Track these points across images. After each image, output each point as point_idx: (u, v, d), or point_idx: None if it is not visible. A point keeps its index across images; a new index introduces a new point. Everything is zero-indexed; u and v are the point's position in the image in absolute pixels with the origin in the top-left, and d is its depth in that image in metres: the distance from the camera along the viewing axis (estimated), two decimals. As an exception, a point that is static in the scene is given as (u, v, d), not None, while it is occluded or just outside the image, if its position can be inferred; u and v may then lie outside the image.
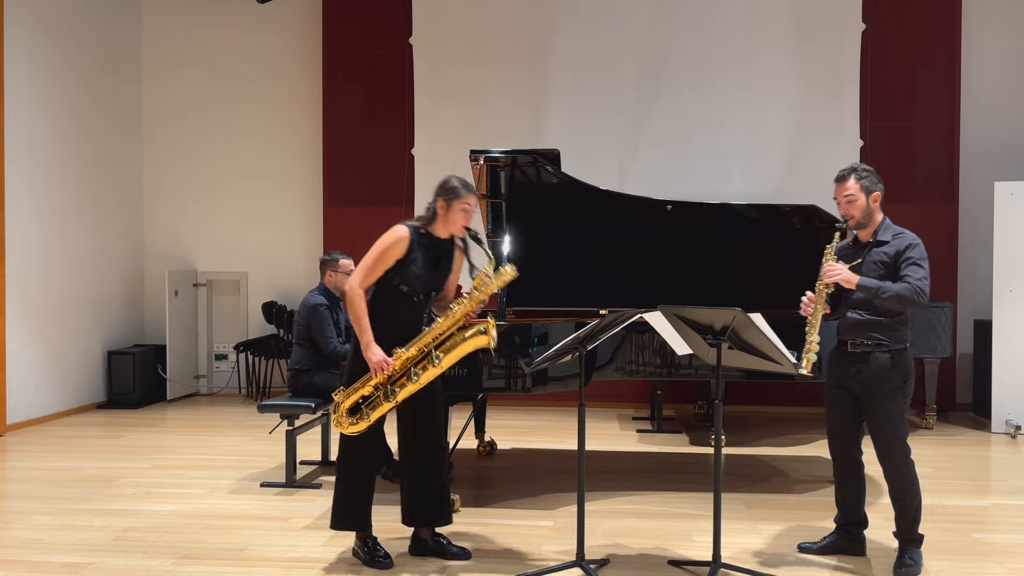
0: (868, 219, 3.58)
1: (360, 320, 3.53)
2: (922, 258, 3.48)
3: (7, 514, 4.44)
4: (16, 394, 6.66)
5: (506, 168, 4.93)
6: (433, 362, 3.50)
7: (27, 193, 6.83)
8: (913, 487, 3.54)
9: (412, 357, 3.54)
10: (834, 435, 3.73)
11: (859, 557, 3.74)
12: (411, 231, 3.62)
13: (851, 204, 3.57)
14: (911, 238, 3.55)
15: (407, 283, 3.61)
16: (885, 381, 3.50)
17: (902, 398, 3.52)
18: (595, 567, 3.57)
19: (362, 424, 3.53)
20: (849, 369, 3.59)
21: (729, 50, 7.46)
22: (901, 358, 3.51)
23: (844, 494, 3.77)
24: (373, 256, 3.58)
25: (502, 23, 7.68)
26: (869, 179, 3.58)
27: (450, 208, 3.61)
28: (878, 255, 3.55)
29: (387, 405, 3.52)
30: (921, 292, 3.40)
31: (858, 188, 3.56)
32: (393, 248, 3.57)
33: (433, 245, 3.67)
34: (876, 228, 3.60)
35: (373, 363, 3.48)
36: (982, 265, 7.16)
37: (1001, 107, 7.43)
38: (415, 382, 3.51)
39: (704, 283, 5.24)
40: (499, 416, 6.98)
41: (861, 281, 3.45)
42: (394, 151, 7.82)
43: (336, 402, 3.57)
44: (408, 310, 3.65)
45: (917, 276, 3.43)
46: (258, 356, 8.01)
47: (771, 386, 7.20)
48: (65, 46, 7.32)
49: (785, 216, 5.29)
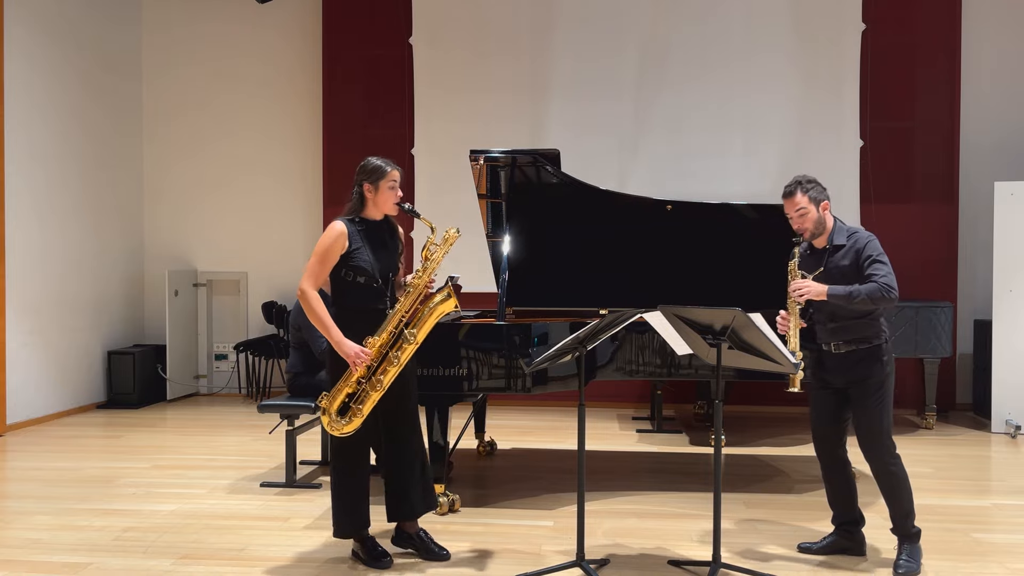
0: (821, 228, 3.66)
1: (323, 320, 3.54)
2: (880, 254, 3.55)
3: (7, 514, 4.44)
4: (16, 394, 6.66)
5: (506, 168, 4.93)
6: (408, 340, 3.53)
7: (27, 193, 6.83)
8: (901, 482, 3.56)
9: (386, 342, 3.55)
10: (819, 436, 3.77)
11: (859, 557, 3.74)
12: (346, 223, 3.65)
13: (803, 217, 3.66)
14: (865, 236, 3.62)
15: (362, 274, 3.61)
16: (868, 375, 3.56)
17: (885, 391, 3.56)
18: (595, 567, 3.57)
19: (356, 421, 3.52)
20: (832, 368, 3.64)
21: (729, 49, 7.46)
22: (881, 352, 3.58)
23: (835, 494, 3.80)
24: (316, 256, 3.61)
25: (502, 23, 7.68)
26: (815, 189, 3.67)
27: (378, 189, 3.69)
28: (838, 259, 3.62)
29: (376, 395, 3.53)
30: (889, 288, 3.46)
31: (807, 200, 3.65)
32: (334, 245, 3.59)
33: (373, 229, 3.70)
34: (830, 234, 3.68)
35: (350, 356, 3.49)
36: (982, 265, 7.16)
37: (1001, 107, 7.43)
38: (397, 364, 3.52)
39: (704, 283, 5.23)
40: (499, 416, 6.98)
41: (831, 291, 3.51)
42: (394, 151, 7.78)
43: (323, 407, 3.55)
44: (372, 300, 3.64)
45: (881, 273, 3.49)
46: (258, 356, 8.01)
47: (771, 386, 7.18)
48: (65, 46, 7.32)
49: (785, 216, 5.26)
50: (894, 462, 3.56)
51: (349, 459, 3.64)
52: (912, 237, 7.16)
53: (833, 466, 3.76)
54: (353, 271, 3.60)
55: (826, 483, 3.82)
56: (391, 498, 3.76)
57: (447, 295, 3.58)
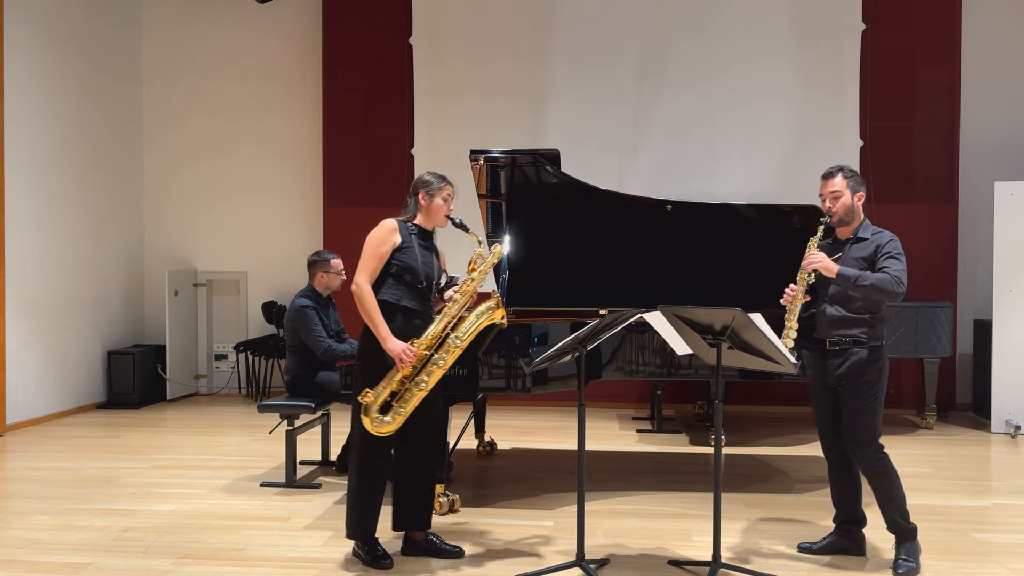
0: (850, 217, 3.66)
1: (373, 316, 3.53)
2: (899, 253, 3.56)
3: (7, 514, 4.44)
4: (16, 394, 6.66)
5: (506, 168, 4.93)
6: (455, 343, 3.58)
7: (27, 193, 6.83)
8: (890, 480, 3.56)
9: (431, 344, 3.57)
10: (823, 435, 3.77)
11: (859, 557, 3.74)
12: (399, 224, 3.70)
13: (836, 200, 3.66)
14: (889, 235, 3.63)
15: (409, 271, 3.64)
16: (859, 375, 3.56)
17: (875, 393, 3.56)
18: (595, 567, 3.57)
19: (398, 420, 3.53)
20: (828, 366, 3.64)
21: (729, 50, 7.46)
22: (877, 354, 3.58)
23: (839, 492, 3.79)
24: (370, 249, 3.62)
25: (502, 23, 7.68)
26: (854, 179, 3.69)
27: (432, 200, 3.71)
28: (857, 251, 3.63)
29: (419, 395, 3.55)
30: (899, 282, 3.47)
31: (844, 185, 3.66)
32: (387, 238, 3.63)
33: (424, 236, 3.76)
34: (856, 227, 3.68)
35: (396, 353, 3.49)
36: (982, 265, 7.16)
37: (1001, 107, 7.43)
38: (441, 366, 3.56)
39: (704, 283, 5.23)
40: (499, 416, 6.98)
41: (841, 270, 3.53)
42: (394, 151, 7.82)
43: (366, 404, 3.53)
44: (416, 300, 3.68)
45: (895, 267, 3.50)
46: (258, 356, 8.01)
47: (771, 386, 7.20)
48: (65, 49, 7.32)
49: (785, 216, 5.28)
50: (881, 461, 3.55)
51: (376, 462, 3.64)
52: (912, 237, 7.08)
53: (840, 466, 3.75)
54: (401, 268, 3.64)
55: (831, 482, 3.82)
56: (404, 506, 3.75)
57: (495, 305, 3.64)
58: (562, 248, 5.26)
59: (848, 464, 3.74)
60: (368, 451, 3.62)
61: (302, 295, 5.17)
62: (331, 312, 5.29)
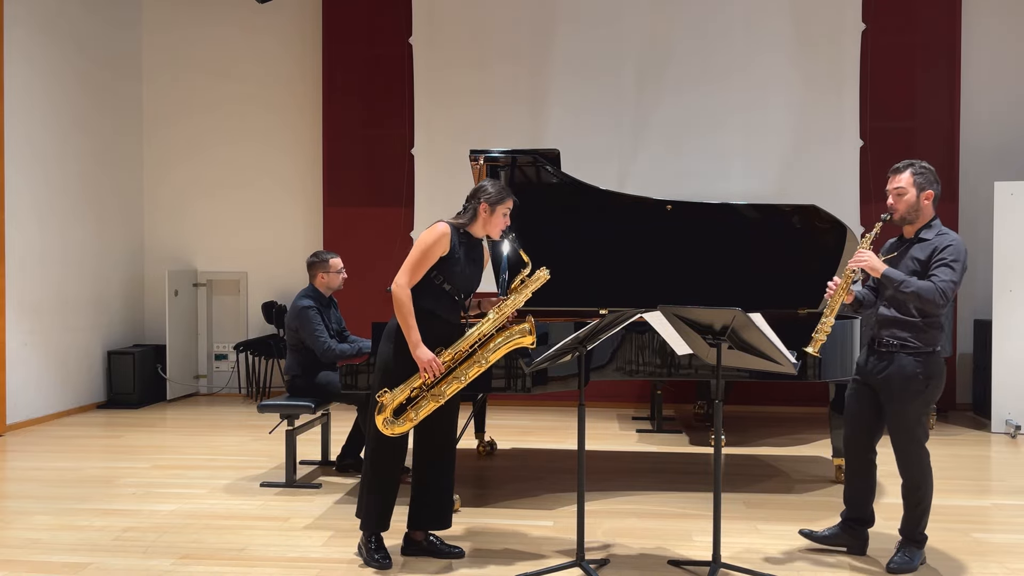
0: (915, 216, 3.55)
1: (408, 319, 3.51)
2: (955, 260, 3.42)
3: (7, 514, 4.44)
4: (16, 394, 6.66)
5: (506, 168, 4.93)
6: (480, 362, 3.56)
7: (27, 193, 6.83)
8: (923, 488, 3.54)
9: (457, 357, 3.57)
10: (851, 430, 3.73)
11: (860, 556, 3.74)
12: (452, 229, 3.64)
13: (899, 198, 3.54)
14: (952, 238, 3.49)
15: (450, 281, 3.62)
16: (906, 383, 3.49)
17: (922, 402, 3.51)
18: (595, 567, 3.57)
19: (408, 425, 3.54)
20: (875, 367, 3.59)
21: (729, 50, 7.46)
22: (928, 362, 3.49)
23: (853, 492, 3.77)
24: (418, 253, 3.57)
25: (502, 23, 7.68)
26: (925, 176, 3.53)
27: (494, 212, 3.66)
28: (916, 251, 3.53)
29: (433, 405, 3.55)
30: (943, 294, 3.37)
31: (911, 183, 3.53)
32: (437, 244, 3.57)
33: (472, 245, 3.73)
34: (922, 226, 3.56)
35: (423, 362, 3.49)
36: (982, 265, 7.15)
37: (1001, 107, 7.43)
38: (461, 381, 3.55)
39: (704, 283, 5.23)
40: (499, 416, 6.98)
41: (886, 271, 3.44)
42: (394, 151, 7.82)
43: (382, 403, 3.53)
44: (450, 310, 3.66)
45: (944, 277, 3.39)
46: (258, 356, 8.00)
47: (771, 386, 7.20)
48: (65, 47, 7.32)
49: (785, 216, 5.28)
50: (924, 472, 3.52)
51: (388, 460, 3.66)
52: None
53: (859, 467, 3.73)
54: (444, 276, 3.60)
55: (846, 479, 3.81)
56: (419, 507, 3.75)
57: (528, 330, 3.59)
58: (562, 248, 5.24)
59: (870, 467, 3.72)
60: (384, 446, 3.63)
61: (303, 295, 5.16)
62: (333, 312, 5.29)
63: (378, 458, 3.66)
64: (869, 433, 3.68)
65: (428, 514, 3.75)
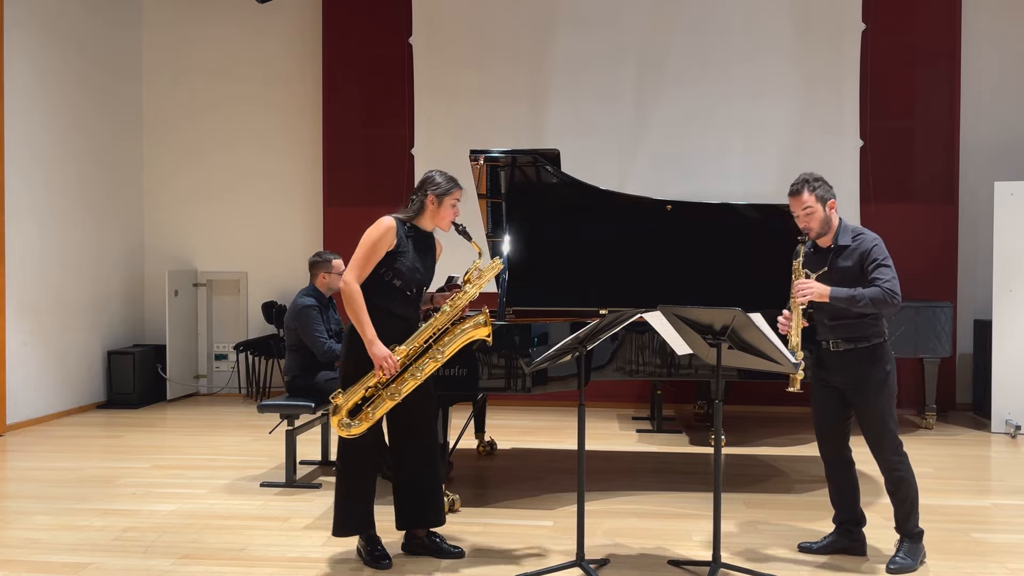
0: (827, 227, 3.63)
1: (360, 316, 3.48)
2: (885, 257, 3.53)
3: (7, 514, 4.44)
4: (16, 394, 6.66)
5: (506, 168, 4.92)
6: (435, 357, 3.53)
7: (27, 193, 6.83)
8: (906, 481, 3.57)
9: (412, 353, 3.54)
10: (822, 434, 3.77)
11: (859, 557, 3.74)
12: (398, 223, 3.62)
13: (809, 216, 3.61)
14: (871, 239, 3.59)
15: (399, 277, 3.59)
16: (868, 377, 3.55)
17: (888, 391, 3.56)
18: (595, 567, 3.57)
19: (364, 425, 3.51)
20: (832, 368, 3.64)
21: (729, 50, 7.46)
22: (881, 351, 3.57)
23: (837, 493, 3.79)
24: (364, 249, 3.55)
25: (502, 23, 7.68)
26: (822, 188, 3.62)
27: (441, 204, 3.64)
28: (843, 260, 3.60)
29: (390, 403, 3.51)
30: (893, 293, 3.45)
31: (814, 199, 3.60)
32: (383, 239, 3.55)
33: (421, 238, 3.69)
34: (835, 233, 3.64)
35: (378, 359, 3.46)
36: (982, 265, 7.16)
37: (1001, 107, 7.43)
38: (417, 378, 3.52)
39: (704, 283, 5.23)
40: (499, 416, 6.98)
41: (833, 293, 3.49)
42: (394, 151, 7.82)
43: (336, 404, 3.53)
44: (402, 306, 3.63)
45: (885, 278, 3.47)
46: (258, 356, 8.01)
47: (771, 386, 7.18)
48: (65, 48, 7.32)
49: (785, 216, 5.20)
50: (900, 462, 3.56)
51: (353, 460, 3.63)
52: (912, 237, 7.15)
53: (836, 465, 3.75)
54: (393, 272, 3.58)
55: (829, 482, 3.82)
56: (403, 505, 3.74)
57: (483, 322, 3.57)
58: (562, 248, 5.26)
59: (845, 463, 3.74)
60: (346, 452, 3.62)
61: (304, 294, 5.16)
62: (331, 313, 5.29)
63: (344, 463, 3.64)
64: (840, 432, 3.71)
65: (417, 512, 3.73)
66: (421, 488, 3.72)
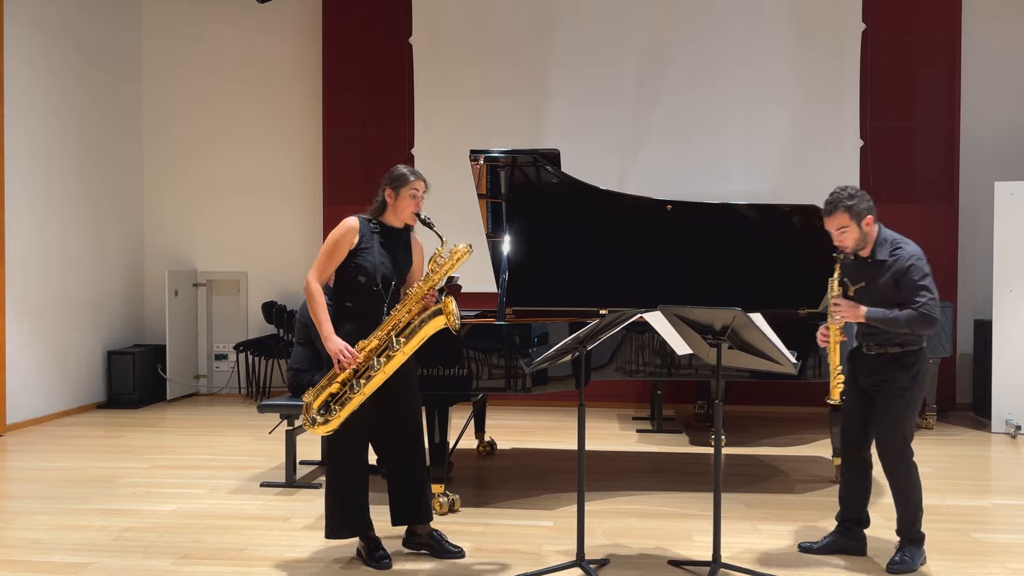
0: (864, 242, 3.59)
1: (318, 313, 3.53)
2: (924, 276, 3.47)
3: (7, 514, 4.44)
4: (16, 394, 6.66)
5: (506, 168, 4.93)
6: (393, 348, 3.49)
7: (27, 193, 6.83)
8: (912, 486, 3.56)
9: (375, 348, 3.52)
10: (846, 433, 3.76)
11: (860, 557, 3.73)
12: (361, 221, 3.66)
13: (844, 235, 3.56)
14: (907, 255, 3.51)
15: (363, 273, 3.59)
16: (892, 380, 3.53)
17: (908, 398, 3.54)
18: (595, 567, 3.57)
19: (333, 422, 3.48)
20: (861, 367, 3.64)
21: (729, 51, 7.46)
22: (913, 359, 3.53)
23: (847, 491, 3.78)
24: (325, 249, 3.61)
25: (502, 22, 7.68)
26: (856, 203, 3.52)
27: (398, 196, 3.65)
28: (879, 275, 3.56)
29: (357, 399, 3.48)
30: (930, 319, 3.41)
31: (848, 218, 3.53)
32: (343, 239, 3.59)
33: (389, 234, 3.69)
34: (873, 246, 3.60)
35: (333, 353, 3.48)
36: (982, 265, 7.15)
37: (1001, 107, 7.43)
38: (380, 370, 3.49)
39: (704, 283, 5.23)
40: (499, 416, 6.98)
41: (869, 313, 3.48)
42: (394, 151, 7.81)
43: (306, 402, 3.53)
44: (369, 302, 3.62)
45: (923, 300, 3.43)
46: (258, 356, 8.01)
47: (771, 386, 7.20)
48: (65, 47, 7.32)
49: (785, 216, 5.28)
50: (909, 469, 3.55)
51: (340, 459, 3.64)
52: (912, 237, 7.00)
53: (853, 466, 3.74)
54: (356, 269, 3.60)
55: (841, 479, 3.82)
56: (397, 501, 3.75)
57: (437, 311, 3.51)
58: (562, 248, 5.26)
59: (864, 466, 3.73)
60: (337, 448, 3.62)
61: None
62: None
63: (332, 462, 3.65)
64: (863, 431, 3.70)
65: (403, 509, 3.74)
66: (406, 485, 3.72)
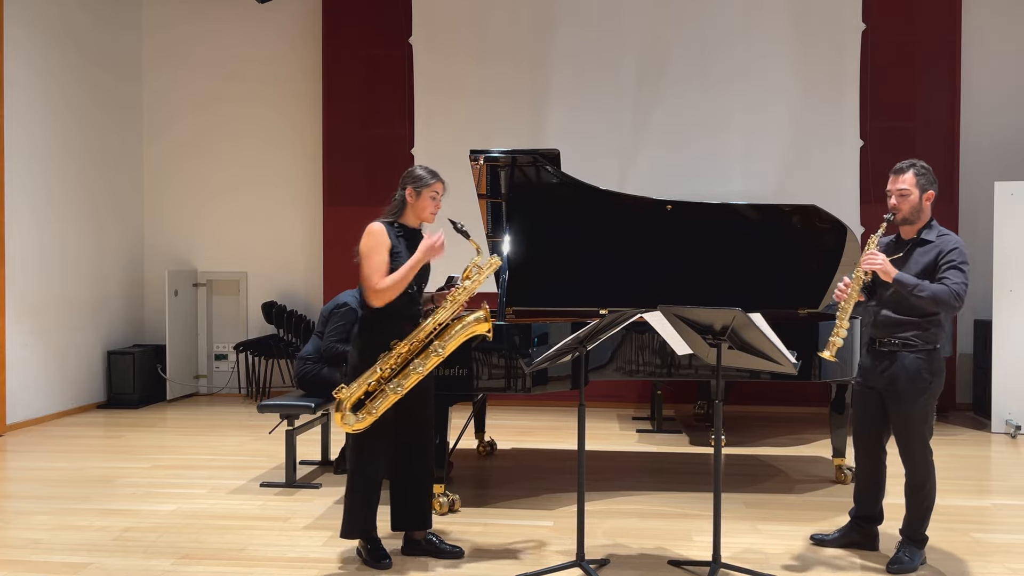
0: (916, 217, 3.54)
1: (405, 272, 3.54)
2: (963, 262, 3.44)
3: (7, 514, 4.44)
4: (16, 394, 6.66)
5: (506, 168, 4.92)
6: (437, 351, 3.55)
7: (27, 193, 6.83)
8: (927, 488, 3.55)
9: (413, 349, 3.56)
10: (859, 432, 3.75)
11: (868, 552, 3.75)
12: (384, 225, 3.66)
13: (903, 198, 3.53)
14: (954, 240, 3.50)
15: None
16: (911, 382, 3.49)
17: (927, 399, 3.52)
18: (595, 567, 3.57)
19: (368, 420, 3.51)
20: (877, 367, 3.60)
21: (729, 50, 7.46)
22: (930, 359, 3.51)
23: (861, 490, 3.79)
24: (374, 252, 3.57)
25: (502, 22, 7.68)
26: (926, 177, 3.54)
27: (419, 196, 3.67)
28: (920, 254, 3.52)
29: (393, 398, 3.53)
30: (958, 296, 3.38)
31: (914, 183, 3.52)
32: (381, 243, 3.59)
33: (410, 235, 3.71)
34: (922, 227, 3.56)
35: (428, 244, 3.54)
36: (982, 265, 7.14)
37: (1001, 107, 7.43)
38: (419, 373, 3.54)
39: (704, 283, 5.23)
40: (499, 416, 6.98)
41: (898, 275, 3.43)
42: (394, 151, 7.81)
43: (340, 399, 3.53)
44: (404, 305, 3.64)
45: (956, 280, 3.40)
46: (258, 356, 8.00)
47: (771, 386, 7.20)
48: (65, 47, 7.32)
49: (785, 216, 5.28)
50: (927, 474, 3.53)
51: (366, 460, 3.64)
52: (912, 237, 7.13)
53: (869, 465, 3.74)
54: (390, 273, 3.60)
55: (857, 478, 3.83)
56: (402, 506, 3.75)
57: (483, 317, 3.60)
58: (562, 248, 5.26)
59: (878, 463, 3.73)
60: (360, 449, 3.63)
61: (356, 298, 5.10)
62: None
63: (357, 462, 3.65)
64: (877, 434, 3.69)
65: (408, 515, 3.74)
66: (411, 494, 3.73)
